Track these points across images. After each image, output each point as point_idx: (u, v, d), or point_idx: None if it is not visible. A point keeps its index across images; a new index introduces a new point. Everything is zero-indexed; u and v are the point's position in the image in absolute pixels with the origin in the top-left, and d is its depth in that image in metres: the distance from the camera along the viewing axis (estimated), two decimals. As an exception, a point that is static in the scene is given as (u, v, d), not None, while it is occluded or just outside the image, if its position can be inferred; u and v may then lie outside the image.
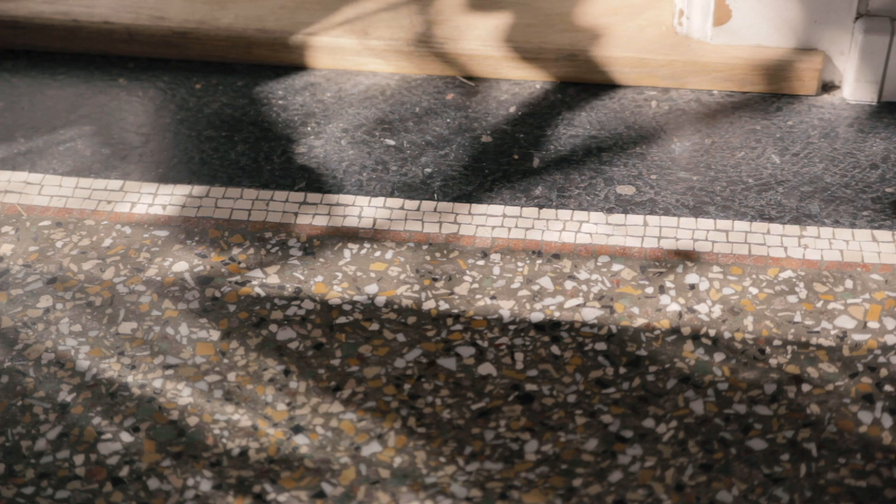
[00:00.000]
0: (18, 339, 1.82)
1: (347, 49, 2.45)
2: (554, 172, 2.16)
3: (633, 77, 2.40)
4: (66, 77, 2.47)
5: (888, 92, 2.33)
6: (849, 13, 2.30)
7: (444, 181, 2.14)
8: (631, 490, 1.57)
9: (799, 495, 1.56)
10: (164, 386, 1.73)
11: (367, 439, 1.65)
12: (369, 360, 1.77)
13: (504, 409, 1.69)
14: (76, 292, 1.90)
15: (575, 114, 2.33)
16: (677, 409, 1.68)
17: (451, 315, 1.85)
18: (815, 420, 1.66)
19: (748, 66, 2.34)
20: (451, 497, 1.57)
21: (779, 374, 1.73)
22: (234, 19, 2.51)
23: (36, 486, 1.59)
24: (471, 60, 2.43)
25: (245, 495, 1.57)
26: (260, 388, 1.73)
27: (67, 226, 2.05)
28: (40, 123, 2.33)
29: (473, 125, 2.30)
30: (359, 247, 1.99)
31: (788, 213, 2.05)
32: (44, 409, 1.70)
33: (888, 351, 1.77)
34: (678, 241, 1.99)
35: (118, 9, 2.54)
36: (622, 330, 1.81)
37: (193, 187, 2.13)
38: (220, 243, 2.00)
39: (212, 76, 2.47)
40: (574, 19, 2.50)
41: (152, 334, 1.82)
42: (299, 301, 1.88)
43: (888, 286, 1.88)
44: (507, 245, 1.99)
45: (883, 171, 2.15)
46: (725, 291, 1.88)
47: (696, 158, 2.19)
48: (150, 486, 1.59)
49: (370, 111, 2.35)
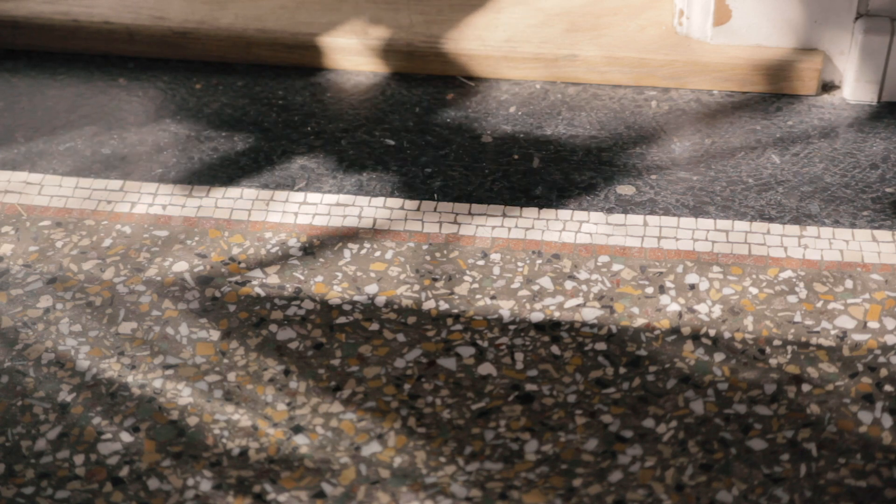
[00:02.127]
0: (18, 339, 1.82)
1: (347, 49, 2.45)
2: (554, 172, 2.16)
3: (633, 77, 2.39)
4: (66, 77, 2.47)
5: (888, 92, 2.33)
6: (849, 13, 2.30)
7: (444, 181, 2.14)
8: (631, 490, 1.57)
9: (799, 495, 1.56)
10: (164, 386, 1.73)
11: (367, 439, 1.65)
12: (369, 360, 1.77)
13: (504, 409, 1.69)
14: (76, 292, 1.90)
15: (575, 114, 2.33)
16: (677, 409, 1.68)
17: (451, 315, 1.85)
18: (815, 420, 1.66)
19: (748, 66, 2.34)
20: (451, 497, 1.57)
21: (779, 374, 1.73)
22: (234, 19, 2.51)
23: (36, 486, 1.59)
24: (471, 60, 2.43)
25: (245, 495, 1.57)
26: (260, 388, 1.73)
27: (67, 226, 2.05)
28: (40, 123, 2.33)
29: (473, 125, 2.30)
30: (359, 247, 1.99)
31: (788, 213, 2.05)
32: (44, 409, 1.70)
33: (888, 351, 1.77)
34: (678, 241, 1.99)
35: (118, 9, 2.54)
36: (622, 330, 1.81)
37: (193, 187, 2.13)
38: (220, 243, 2.00)
39: (212, 76, 2.47)
40: (574, 19, 2.50)
41: (152, 334, 1.82)
42: (299, 301, 1.88)
43: (888, 286, 1.88)
44: (507, 245, 1.99)
45: (883, 171, 2.15)
46: (725, 291, 1.88)
47: (696, 158, 2.19)
48: (150, 486, 1.59)
49: (370, 111, 2.35)
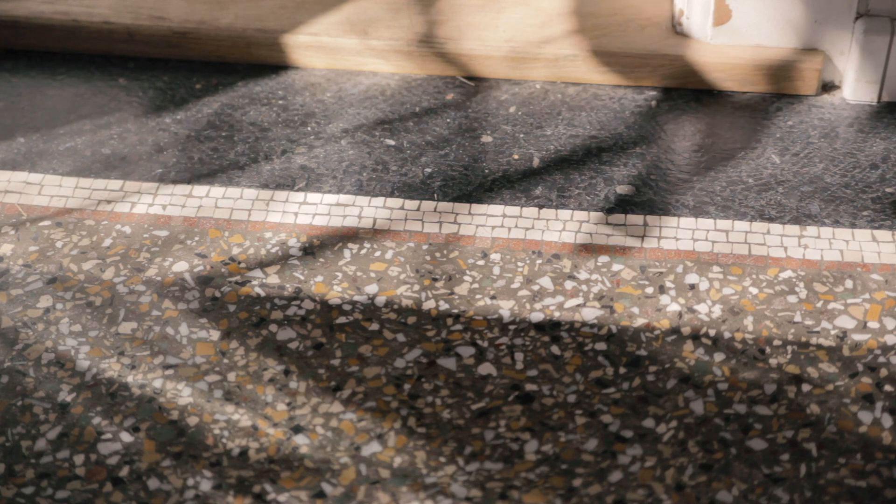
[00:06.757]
0: (18, 339, 1.82)
1: (347, 49, 2.45)
2: (554, 172, 2.16)
3: (633, 77, 2.40)
4: (66, 77, 2.47)
5: (888, 92, 2.33)
6: (849, 13, 2.30)
7: (444, 181, 2.14)
8: (631, 490, 1.57)
9: (799, 495, 1.56)
10: (164, 386, 1.73)
11: (367, 439, 1.65)
12: (369, 360, 1.77)
13: (504, 409, 1.69)
14: (76, 292, 1.90)
15: (575, 114, 2.33)
16: (677, 409, 1.68)
17: (451, 315, 1.85)
18: (815, 420, 1.66)
19: (748, 66, 2.34)
20: (451, 497, 1.57)
21: (779, 374, 1.73)
22: (234, 19, 2.51)
23: (36, 486, 1.59)
24: (471, 60, 2.43)
25: (245, 495, 1.57)
26: (260, 388, 1.73)
27: (67, 226, 2.05)
28: (40, 123, 2.33)
29: (473, 125, 2.30)
30: (359, 247, 1.99)
31: (788, 213, 2.05)
32: (44, 409, 1.70)
33: (888, 351, 1.77)
34: (678, 241, 1.99)
35: (118, 9, 2.54)
36: (622, 330, 1.81)
37: (193, 187, 2.13)
38: (220, 243, 2.00)
39: (212, 76, 2.47)
40: (574, 19, 2.50)
41: (152, 334, 1.82)
42: (299, 301, 1.88)
43: (888, 286, 1.88)
44: (507, 245, 1.99)
45: (883, 171, 2.15)
46: (725, 291, 1.88)
47: (696, 158, 2.19)
48: (150, 486, 1.59)
49: (370, 111, 2.35)
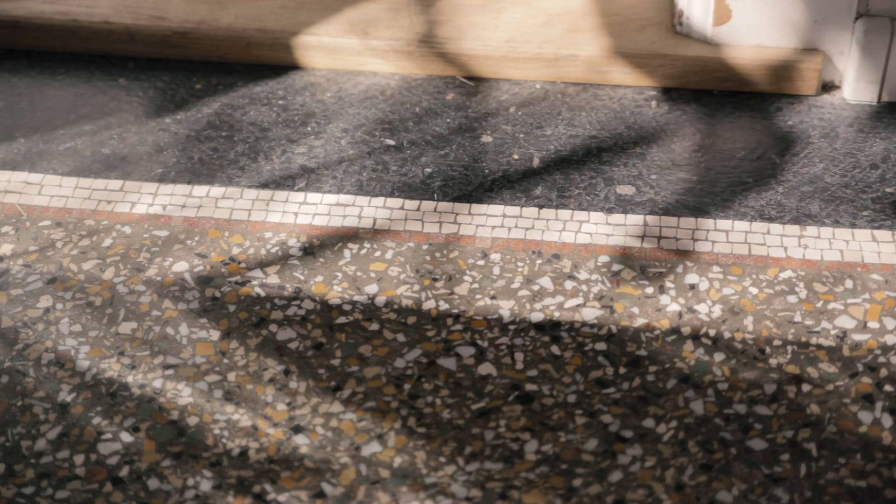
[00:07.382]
0: (18, 339, 1.82)
1: (347, 49, 2.45)
2: (554, 172, 2.16)
3: (633, 77, 2.39)
4: (66, 77, 2.47)
5: (888, 92, 2.33)
6: (849, 13, 2.30)
7: (444, 181, 2.14)
8: (631, 490, 1.57)
9: (799, 495, 1.56)
10: (164, 386, 1.73)
11: (367, 439, 1.65)
12: (369, 360, 1.77)
13: (504, 409, 1.69)
14: (76, 292, 1.90)
15: (575, 114, 2.33)
16: (677, 409, 1.68)
17: (451, 315, 1.85)
18: (815, 420, 1.66)
19: (748, 66, 2.34)
20: (451, 497, 1.57)
21: (779, 374, 1.73)
22: (234, 19, 2.51)
23: (36, 486, 1.59)
24: (471, 60, 2.43)
25: (245, 495, 1.57)
26: (260, 388, 1.73)
27: (67, 226, 2.05)
28: (40, 123, 2.33)
29: (473, 125, 2.30)
30: (359, 247, 1.99)
31: (788, 213, 2.05)
32: (44, 409, 1.70)
33: (888, 351, 1.77)
34: (678, 241, 1.99)
35: (118, 9, 2.54)
36: (622, 330, 1.81)
37: (193, 187, 2.13)
38: (220, 243, 2.00)
39: (212, 76, 2.47)
40: (574, 19, 2.50)
41: (152, 334, 1.82)
42: (299, 301, 1.88)
43: (888, 286, 1.88)
44: (507, 245, 1.99)
45: (883, 171, 2.15)
46: (725, 291, 1.88)
47: (696, 158, 2.19)
48: (150, 486, 1.59)
49: (370, 111, 2.35)
